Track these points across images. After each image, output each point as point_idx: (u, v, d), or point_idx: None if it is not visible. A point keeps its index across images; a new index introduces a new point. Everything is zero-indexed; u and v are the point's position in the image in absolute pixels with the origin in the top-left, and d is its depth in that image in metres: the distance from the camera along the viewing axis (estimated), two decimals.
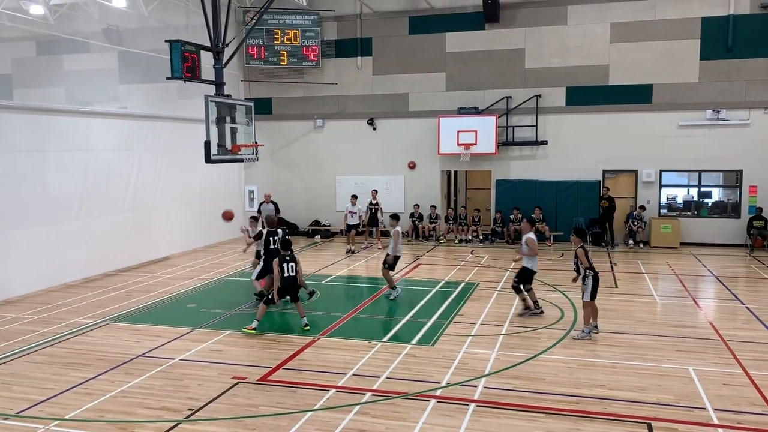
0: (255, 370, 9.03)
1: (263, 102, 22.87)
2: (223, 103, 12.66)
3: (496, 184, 21.57)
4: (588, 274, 10.32)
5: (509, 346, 9.98)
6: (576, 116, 20.62)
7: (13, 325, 11.63)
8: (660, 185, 20.34)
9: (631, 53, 20.00)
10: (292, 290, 11.13)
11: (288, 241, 11.49)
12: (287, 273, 10.95)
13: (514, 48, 20.96)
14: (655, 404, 7.72)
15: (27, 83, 24.40)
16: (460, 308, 12.39)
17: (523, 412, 7.52)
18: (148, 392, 8.31)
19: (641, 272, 16.07)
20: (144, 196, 17.72)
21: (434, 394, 8.08)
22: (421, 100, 22.05)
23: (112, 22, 21.91)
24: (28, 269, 14.06)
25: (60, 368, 9.27)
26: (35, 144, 14.30)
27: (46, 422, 7.41)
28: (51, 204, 14.65)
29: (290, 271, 11.00)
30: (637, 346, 10.02)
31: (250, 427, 7.21)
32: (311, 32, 22.47)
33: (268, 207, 18.40)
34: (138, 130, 17.58)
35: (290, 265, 11.02)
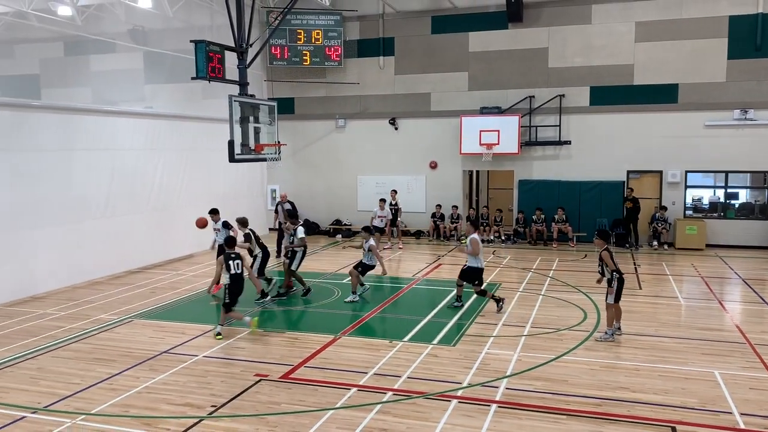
0: (277, 368, 9.09)
1: (286, 102, 23.00)
2: (246, 103, 12.78)
3: (518, 185, 21.45)
4: (614, 276, 10.22)
5: (531, 348, 9.92)
6: (600, 116, 20.43)
7: (40, 321, 11.84)
8: (685, 186, 20.07)
9: (657, 52, 19.75)
10: (241, 287, 10.96)
11: (232, 238, 11.35)
12: (234, 270, 10.82)
13: (538, 47, 20.82)
14: (680, 407, 7.62)
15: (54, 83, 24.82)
16: (482, 309, 12.35)
17: (545, 414, 7.47)
18: (172, 388, 8.41)
19: (666, 274, 15.88)
20: (168, 194, 17.92)
21: (455, 395, 8.07)
22: (443, 100, 22.00)
23: (138, 23, 22.18)
24: (55, 266, 14.31)
25: (86, 364, 9.42)
26: (62, 143, 14.54)
27: (73, 416, 7.54)
28: (78, 202, 14.89)
29: (236, 268, 10.85)
30: (661, 348, 9.91)
31: (272, 425, 7.26)
32: (334, 32, 22.55)
33: (285, 207, 18.49)
34: (163, 130, 17.79)
35: (236, 262, 10.86)
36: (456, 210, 21.61)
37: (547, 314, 11.92)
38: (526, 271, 16.14)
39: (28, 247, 13.65)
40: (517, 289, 14.15)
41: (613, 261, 10.25)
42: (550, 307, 12.44)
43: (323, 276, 15.61)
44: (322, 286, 14.54)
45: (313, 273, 15.86)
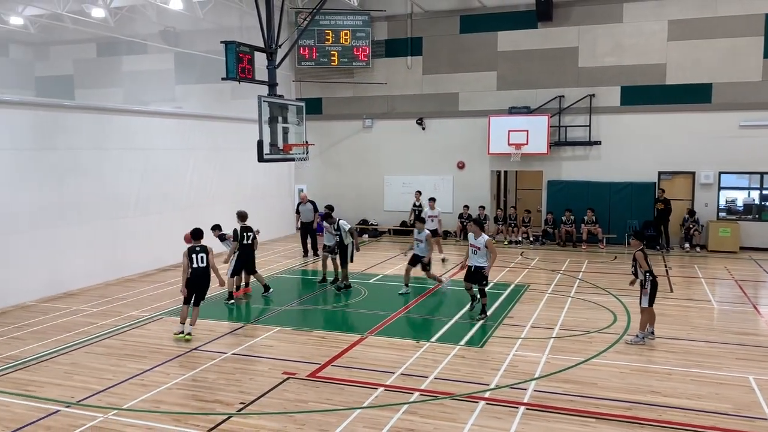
0: (304, 366, 9.14)
1: (313, 102, 23.11)
2: (275, 103, 12.86)
3: (547, 185, 21.26)
4: (648, 278, 10.06)
5: (560, 350, 9.82)
6: (631, 116, 20.15)
7: (73, 317, 12.08)
8: (719, 187, 19.68)
9: (690, 51, 19.41)
10: (200, 283, 10.70)
11: (199, 230, 10.95)
12: (196, 264, 10.57)
13: (568, 47, 20.62)
14: (713, 413, 7.48)
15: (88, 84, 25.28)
16: (510, 310, 12.26)
17: (574, 417, 7.39)
18: (201, 385, 8.51)
19: (698, 277, 15.60)
20: (198, 193, 18.13)
21: (483, 396, 8.03)
22: (471, 100, 21.91)
23: (169, 24, 22.49)
24: (88, 263, 14.57)
25: (118, 359, 9.57)
26: (95, 142, 14.81)
27: (105, 411, 7.67)
28: (110, 200, 15.15)
29: (199, 262, 10.59)
30: (693, 352, 9.73)
31: (300, 423, 7.30)
32: (362, 32, 22.60)
33: (307, 207, 18.54)
34: (193, 130, 18.01)
35: (200, 256, 10.60)
36: (483, 211, 21.47)
37: (576, 316, 11.79)
38: (554, 273, 15.99)
39: (63, 245, 13.92)
40: (546, 290, 14.02)
41: (647, 262, 10.08)
42: (579, 310, 12.30)
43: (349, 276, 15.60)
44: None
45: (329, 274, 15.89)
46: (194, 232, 10.94)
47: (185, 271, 10.65)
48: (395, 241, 21.69)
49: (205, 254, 10.67)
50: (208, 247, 10.80)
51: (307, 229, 18.80)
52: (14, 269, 12.82)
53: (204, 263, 10.65)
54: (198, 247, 10.71)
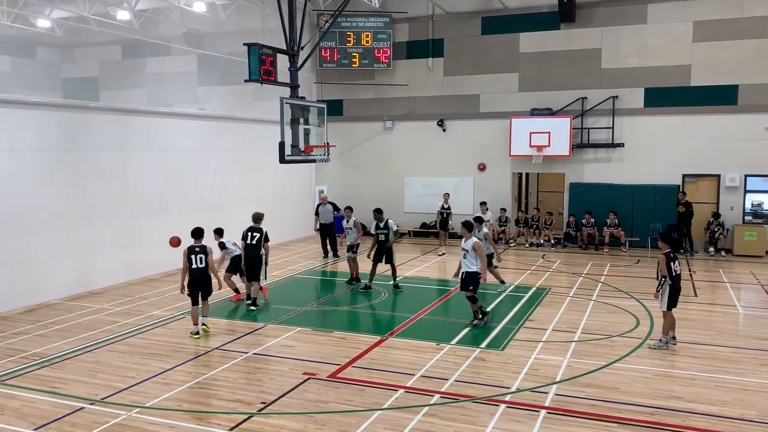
0: (325, 367, 9.17)
1: (334, 103, 23.17)
2: (297, 104, 12.93)
3: (569, 188, 21.09)
4: (662, 281, 9.90)
5: (582, 354, 9.74)
6: (655, 118, 19.92)
7: (97, 315, 12.24)
8: (745, 191, 19.36)
9: (716, 53, 19.14)
10: (201, 283, 10.73)
11: (199, 230, 10.95)
12: (195, 265, 10.61)
13: (591, 48, 20.44)
14: (738, 419, 7.36)
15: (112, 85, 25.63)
16: (531, 313, 12.19)
17: (596, 421, 7.32)
18: (222, 384, 8.58)
19: (723, 281, 15.36)
20: (220, 194, 18.28)
21: (504, 399, 7.98)
22: (492, 101, 21.82)
23: (192, 27, 22.73)
24: (111, 263, 14.76)
25: (141, 358, 9.68)
26: (119, 143, 15.00)
27: (129, 409, 7.76)
28: (133, 201, 15.33)
29: (198, 262, 10.61)
30: (718, 357, 9.59)
31: (320, 423, 7.32)
32: (383, 34, 22.63)
33: (326, 209, 18.58)
34: (215, 131, 18.16)
35: (199, 256, 10.62)
36: (504, 213, 21.36)
37: (598, 320, 11.68)
38: (576, 276, 15.85)
39: (87, 244, 14.13)
40: (567, 293, 13.90)
41: (666, 266, 9.86)
42: (601, 313, 12.18)
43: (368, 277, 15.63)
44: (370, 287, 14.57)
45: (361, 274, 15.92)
46: (194, 231, 10.93)
47: (184, 271, 10.73)
48: (415, 243, 21.66)
49: (204, 255, 10.68)
50: (208, 248, 10.81)
51: (326, 230, 18.80)
52: (40, 268, 13.04)
53: (203, 264, 10.67)
54: (197, 247, 10.73)
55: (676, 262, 10.01)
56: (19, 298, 12.65)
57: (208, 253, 10.75)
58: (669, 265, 9.86)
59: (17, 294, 12.58)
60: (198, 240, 10.86)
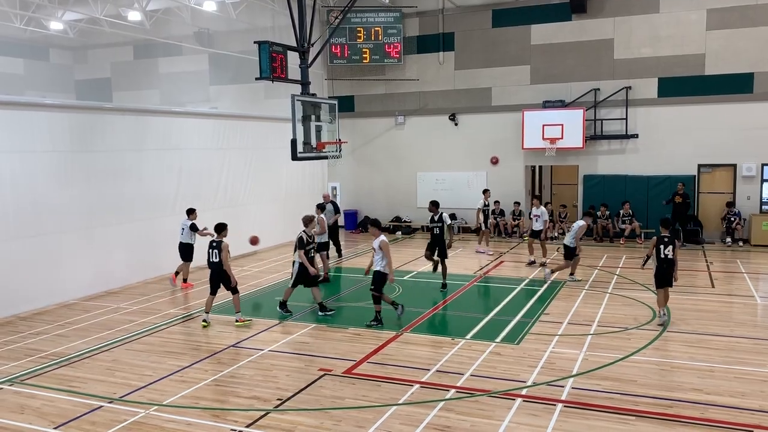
0: (340, 363, 9.19)
1: (346, 100, 23.16)
2: (308, 101, 12.94)
3: (583, 180, 20.96)
4: (647, 260, 11.20)
5: (598, 347, 9.68)
6: (669, 108, 19.72)
7: (114, 314, 12.35)
8: (762, 180, 19.12)
9: (730, 41, 18.90)
10: (214, 277, 10.99)
11: (220, 225, 11.10)
12: (210, 258, 10.91)
13: (602, 38, 20.27)
14: (758, 411, 7.29)
15: (125, 86, 25.84)
16: (546, 307, 12.13)
17: (613, 414, 7.28)
18: (239, 381, 8.62)
19: (740, 272, 15.20)
20: (234, 193, 18.34)
21: (520, 393, 7.96)
22: (504, 94, 21.71)
23: (203, 26, 22.82)
24: (128, 262, 14.88)
25: (157, 356, 9.76)
26: (133, 143, 15.09)
27: (146, 407, 7.82)
28: (148, 200, 15.43)
29: (213, 257, 10.86)
30: (736, 349, 9.50)
31: (336, 419, 7.34)
32: (393, 29, 22.57)
33: (328, 208, 18.23)
34: (227, 130, 18.22)
35: (214, 251, 10.84)
36: (518, 207, 21.27)
37: (614, 312, 11.61)
38: (591, 269, 15.75)
39: (103, 244, 14.24)
40: (583, 286, 13.82)
41: (655, 247, 10.72)
42: (617, 306, 12.11)
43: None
44: None
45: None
46: (216, 226, 11.17)
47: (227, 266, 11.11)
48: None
49: (218, 250, 10.90)
50: (223, 244, 10.99)
51: (330, 230, 17.40)
52: (57, 268, 13.16)
53: (216, 259, 10.90)
54: (215, 242, 11.01)
55: (669, 247, 10.61)
56: (37, 299, 12.79)
57: (222, 249, 10.94)
58: (658, 247, 10.66)
59: (35, 294, 12.71)
60: (219, 234, 11.11)
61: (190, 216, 14.55)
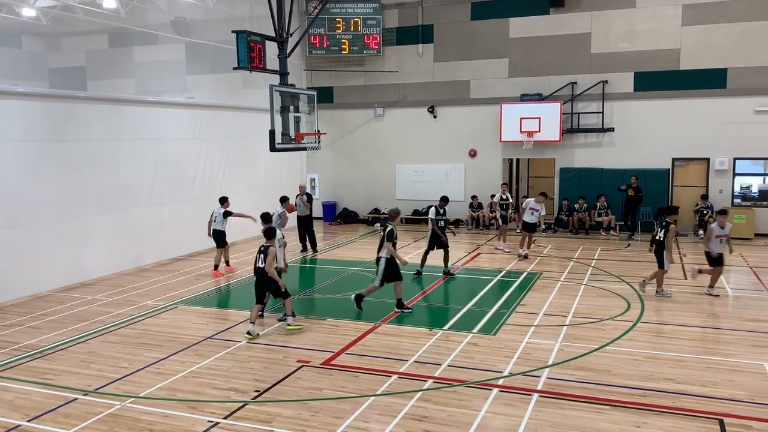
0: (318, 354, 9.20)
1: (325, 91, 23.06)
2: (286, 92, 12.88)
3: (559, 173, 21.16)
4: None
5: (573, 337, 9.82)
6: (644, 102, 19.97)
7: (89, 306, 12.21)
8: (734, 174, 19.49)
9: (705, 36, 19.17)
10: (259, 282, 10.42)
11: (271, 230, 10.62)
12: (257, 264, 10.34)
13: (580, 32, 20.43)
14: (728, 400, 7.45)
15: (100, 74, 25.45)
16: (522, 298, 12.26)
17: (588, 404, 7.40)
18: (216, 373, 8.59)
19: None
20: (211, 183, 18.20)
21: (496, 383, 8.05)
22: (482, 87, 21.79)
23: (180, 15, 22.55)
24: (103, 253, 14.70)
25: (133, 348, 9.68)
26: (108, 133, 14.89)
27: (122, 399, 7.76)
28: (124, 191, 15.25)
29: (259, 262, 10.30)
30: (708, 339, 9.71)
31: (314, 410, 7.36)
32: (372, 20, 22.51)
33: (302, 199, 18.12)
34: (205, 120, 18.05)
35: (261, 256, 10.27)
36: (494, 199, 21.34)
37: (590, 304, 11.77)
38: (567, 261, 15.93)
39: (79, 235, 14.05)
40: (559, 278, 13.99)
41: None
42: (593, 297, 12.27)
43: (362, 264, 15.68)
44: (361, 275, 14.62)
45: (353, 261, 15.98)
46: (266, 231, 10.59)
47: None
48: (407, 230, 21.67)
49: (265, 256, 10.24)
50: (271, 249, 10.26)
51: (303, 223, 17.72)
52: (31, 260, 12.96)
53: (261, 264, 10.26)
54: (263, 246, 10.37)
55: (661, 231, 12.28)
56: (10, 290, 12.58)
57: (268, 255, 10.24)
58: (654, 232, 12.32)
59: (8, 286, 12.51)
60: (268, 239, 10.47)
61: (223, 204, 14.88)
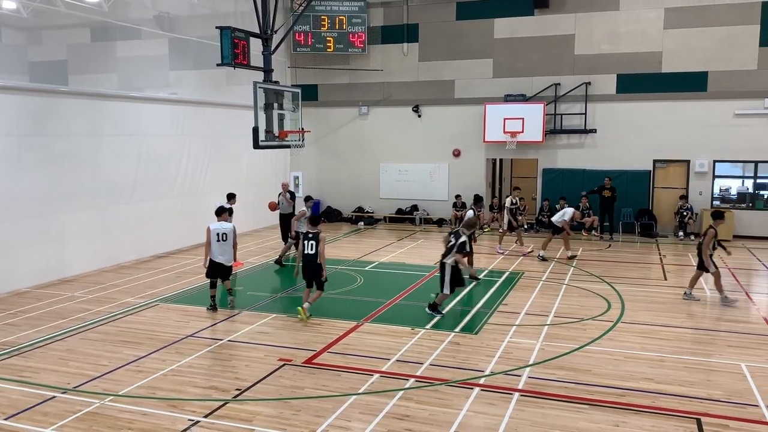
0: (301, 353, 9.17)
1: (309, 88, 23.00)
2: (270, 89, 12.83)
3: (542, 173, 21.28)
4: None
5: (554, 337, 9.88)
6: (626, 104, 20.15)
7: (68, 303, 12.07)
8: (713, 176, 19.75)
9: (686, 39, 19.39)
10: (307, 269, 10.77)
11: (316, 217, 11.21)
12: (306, 251, 10.70)
13: (564, 34, 20.55)
14: (705, 400, 7.55)
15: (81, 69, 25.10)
16: (504, 297, 12.32)
17: (568, 403, 7.45)
18: (197, 371, 8.54)
19: (691, 265, 15.61)
20: (193, 180, 18.08)
21: (478, 382, 8.08)
22: (467, 87, 21.85)
23: (164, 10, 22.29)
24: (84, 250, 14.54)
25: (113, 346, 9.59)
26: (90, 128, 14.72)
27: (101, 397, 7.68)
28: (106, 187, 15.09)
29: (309, 248, 10.63)
30: (686, 339, 9.82)
31: (296, 409, 7.34)
32: (358, 18, 22.47)
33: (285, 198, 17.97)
34: (188, 116, 17.91)
35: (310, 243, 10.62)
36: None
37: (571, 304, 11.85)
38: (549, 261, 16.02)
39: (58, 231, 13.89)
40: (540, 278, 14.07)
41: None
42: (574, 297, 12.37)
43: (345, 263, 15.67)
44: (344, 274, 14.61)
45: (336, 260, 15.96)
46: (311, 218, 11.01)
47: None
48: (391, 229, 21.73)
49: (315, 242, 10.59)
50: (321, 235, 10.67)
51: (285, 221, 17.13)
52: (8, 256, 12.78)
53: (313, 250, 10.58)
54: (311, 233, 10.68)
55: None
56: None
57: (320, 241, 10.57)
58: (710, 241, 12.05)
59: None
60: (313, 226, 10.83)
61: (230, 201, 15.04)
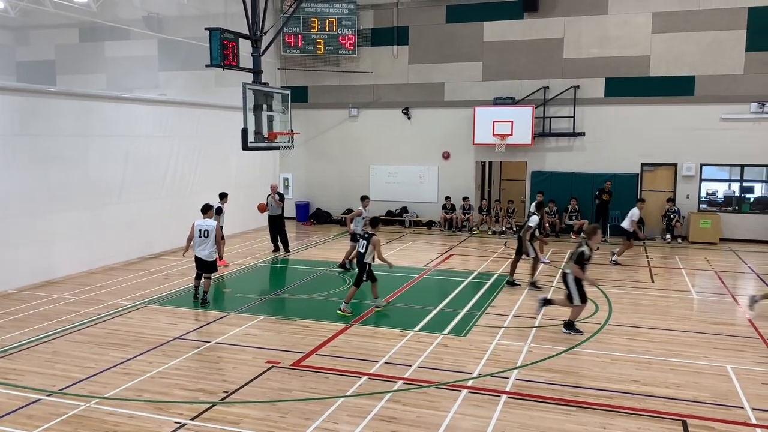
0: (288, 355, 9.15)
1: (299, 90, 22.99)
2: (260, 91, 12.81)
3: (531, 176, 21.36)
4: None
5: (542, 339, 9.92)
6: (615, 108, 20.27)
7: (55, 305, 11.98)
8: (700, 179, 19.90)
9: (674, 44, 19.54)
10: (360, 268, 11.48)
11: (376, 219, 11.87)
12: (359, 249, 11.45)
13: (553, 38, 20.66)
14: (691, 402, 7.60)
15: (70, 69, 24.95)
16: (493, 300, 12.35)
17: (555, 405, 7.48)
18: (184, 374, 8.50)
19: (678, 267, 15.78)
20: (182, 181, 18.00)
21: (466, 385, 8.09)
22: (456, 90, 21.91)
23: (153, 10, 22.20)
24: (71, 251, 14.44)
25: (100, 348, 9.52)
26: (78, 129, 14.63)
27: (87, 399, 7.63)
28: (93, 188, 15.00)
29: (361, 248, 11.36)
30: (672, 342, 9.88)
31: (284, 411, 7.32)
32: (348, 21, 22.48)
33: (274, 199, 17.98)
34: (177, 117, 17.84)
35: (362, 242, 11.36)
36: (467, 201, 21.55)
37: (558, 306, 11.85)
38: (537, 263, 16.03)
39: (45, 232, 13.78)
40: (528, 280, 14.09)
41: None
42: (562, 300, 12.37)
43: (333, 265, 15.64)
44: (333, 276, 14.59)
45: (325, 262, 15.95)
46: (372, 220, 11.73)
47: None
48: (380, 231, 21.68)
49: (366, 242, 11.28)
50: (375, 238, 11.28)
51: (275, 223, 17.52)
52: None
53: (363, 250, 11.30)
54: (367, 234, 11.41)
55: None
56: None
57: (374, 243, 11.23)
58: None
59: None
60: (374, 227, 11.53)
61: (222, 200, 15.50)
